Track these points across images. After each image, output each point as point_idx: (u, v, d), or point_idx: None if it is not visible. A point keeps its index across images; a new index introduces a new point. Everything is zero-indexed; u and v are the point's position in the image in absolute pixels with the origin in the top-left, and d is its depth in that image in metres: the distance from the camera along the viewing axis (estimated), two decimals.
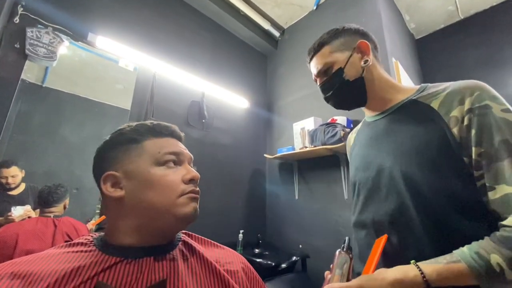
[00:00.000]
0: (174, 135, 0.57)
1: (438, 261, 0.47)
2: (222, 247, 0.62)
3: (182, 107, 1.85)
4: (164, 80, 1.76)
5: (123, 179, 0.48)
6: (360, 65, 0.68)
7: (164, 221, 0.48)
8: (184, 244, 0.55)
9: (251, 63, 2.56)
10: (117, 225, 0.48)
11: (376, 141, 0.69)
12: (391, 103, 0.69)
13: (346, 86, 0.68)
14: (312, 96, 2.13)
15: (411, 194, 0.56)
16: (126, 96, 1.60)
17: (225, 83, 2.16)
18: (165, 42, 1.84)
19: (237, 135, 2.21)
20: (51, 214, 1.25)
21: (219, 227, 1.88)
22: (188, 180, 0.51)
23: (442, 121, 0.55)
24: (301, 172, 2.05)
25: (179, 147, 0.55)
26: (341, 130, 1.61)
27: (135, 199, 0.47)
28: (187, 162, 0.55)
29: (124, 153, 0.50)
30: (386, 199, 0.61)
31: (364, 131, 0.78)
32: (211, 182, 1.91)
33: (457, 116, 0.54)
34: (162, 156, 0.50)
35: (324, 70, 0.71)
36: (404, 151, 0.59)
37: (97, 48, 1.48)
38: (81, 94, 1.46)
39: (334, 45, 0.70)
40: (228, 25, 2.33)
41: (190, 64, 1.95)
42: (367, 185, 0.67)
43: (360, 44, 0.69)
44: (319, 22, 2.24)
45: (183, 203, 0.49)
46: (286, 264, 1.55)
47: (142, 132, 0.52)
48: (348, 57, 0.68)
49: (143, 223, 0.47)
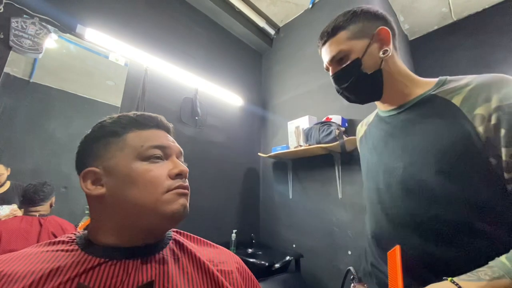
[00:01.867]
0: (161, 126, 0.53)
1: (480, 277, 0.41)
2: (216, 246, 0.59)
3: (174, 103, 1.81)
4: (156, 75, 1.72)
5: (103, 176, 0.45)
6: (379, 55, 0.61)
7: (150, 220, 0.44)
8: (175, 243, 0.52)
9: (245, 61, 2.53)
10: (100, 224, 0.45)
11: (391, 139, 0.64)
12: (408, 97, 0.63)
13: (363, 79, 0.62)
14: (307, 94, 2.11)
15: (427, 196, 0.53)
16: (117, 92, 1.55)
17: (219, 80, 2.12)
18: (158, 36, 1.80)
19: (231, 133, 2.18)
20: (37, 213, 1.19)
21: (212, 227, 1.84)
22: (175, 174, 0.47)
23: (465, 119, 0.51)
24: (295, 171, 2.04)
25: (166, 140, 0.51)
26: (336, 129, 1.59)
27: (116, 197, 0.44)
28: (175, 156, 0.51)
29: (105, 147, 0.46)
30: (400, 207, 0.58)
31: (379, 126, 0.72)
32: (203, 180, 1.87)
33: (483, 114, 0.49)
34: (145, 150, 0.46)
35: (338, 58, 0.64)
36: (422, 151, 0.55)
37: (86, 40, 1.43)
38: (70, 89, 1.40)
39: (351, 31, 0.62)
40: (223, 22, 2.30)
41: (184, 60, 1.91)
42: (384, 184, 0.63)
43: (380, 31, 0.62)
44: (314, 21, 2.23)
45: (170, 199, 0.45)
46: (279, 264, 1.53)
47: (124, 124, 0.48)
48: (366, 46, 0.61)
49: (126, 222, 0.44)
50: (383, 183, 0.63)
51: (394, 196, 0.60)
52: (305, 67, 2.19)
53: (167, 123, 0.55)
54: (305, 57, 2.22)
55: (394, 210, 0.59)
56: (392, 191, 0.60)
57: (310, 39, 2.22)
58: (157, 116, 0.53)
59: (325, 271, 1.67)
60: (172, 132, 0.56)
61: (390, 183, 0.61)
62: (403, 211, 0.57)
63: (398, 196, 0.59)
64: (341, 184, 1.71)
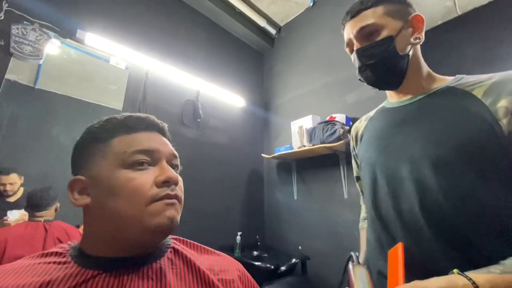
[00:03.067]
0: (151, 127, 0.48)
1: (490, 270, 0.39)
2: (217, 254, 0.57)
3: (176, 106, 1.80)
4: (157, 78, 1.71)
5: (89, 185, 0.42)
6: (410, 41, 0.59)
7: (135, 233, 0.40)
8: (173, 251, 0.50)
9: (247, 61, 2.52)
10: (90, 234, 0.43)
11: (401, 127, 0.60)
12: (424, 89, 0.61)
13: (393, 58, 0.58)
14: (310, 93, 2.09)
15: (443, 189, 0.49)
16: (118, 96, 1.55)
17: (220, 82, 2.11)
18: (158, 39, 1.79)
19: (233, 135, 2.16)
20: (42, 219, 1.19)
21: (216, 230, 1.82)
22: (162, 182, 0.43)
23: (487, 111, 0.48)
24: (299, 171, 2.01)
25: (155, 143, 0.46)
26: (340, 128, 1.56)
27: (100, 208, 0.41)
28: (166, 160, 0.47)
29: (90, 154, 0.44)
30: (409, 198, 0.54)
31: (384, 116, 0.69)
32: (206, 183, 1.85)
33: (507, 107, 0.46)
34: (129, 156, 0.42)
35: (368, 32, 0.60)
36: (437, 140, 0.52)
37: (87, 45, 1.43)
38: (72, 94, 1.41)
39: (389, 8, 0.59)
40: (224, 23, 2.29)
41: (184, 62, 1.90)
42: (388, 177, 0.59)
43: (415, 17, 0.60)
44: (315, 19, 2.20)
45: (155, 211, 0.41)
46: (285, 266, 1.50)
47: (109, 129, 0.45)
48: (401, 26, 0.58)
49: (113, 234, 0.41)
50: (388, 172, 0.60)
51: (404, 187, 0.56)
52: (308, 66, 2.16)
53: (160, 122, 0.51)
54: (307, 56, 2.19)
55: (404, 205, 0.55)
56: (401, 180, 0.56)
57: (312, 37, 2.19)
58: (147, 117, 0.49)
59: (332, 274, 1.63)
60: (166, 132, 0.52)
61: (398, 171, 0.57)
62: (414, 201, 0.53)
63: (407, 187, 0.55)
64: (347, 184, 1.67)
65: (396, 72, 0.61)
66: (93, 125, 0.48)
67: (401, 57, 0.59)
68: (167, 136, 0.52)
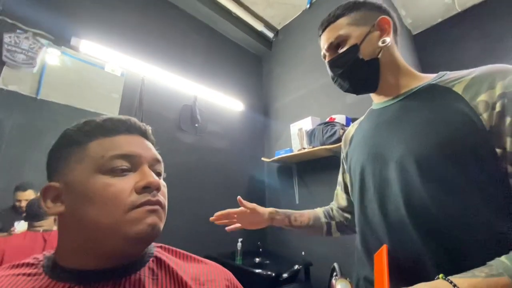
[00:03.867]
0: (133, 130, 0.45)
1: (474, 274, 0.38)
2: (204, 262, 0.53)
3: (173, 111, 1.78)
4: (153, 84, 1.70)
5: (63, 192, 0.39)
6: (378, 44, 0.60)
7: (112, 244, 0.38)
8: (156, 261, 0.46)
9: (245, 65, 2.50)
10: (64, 244, 0.40)
11: (386, 128, 0.60)
12: (405, 88, 0.61)
13: (359, 65, 0.60)
14: (309, 95, 2.06)
15: (427, 188, 0.48)
16: (114, 103, 1.54)
17: (218, 86, 2.09)
18: (154, 45, 1.78)
19: (232, 139, 2.13)
20: (41, 228, 1.17)
21: (216, 236, 1.78)
22: (142, 188, 0.40)
23: (467, 106, 0.47)
24: (300, 175, 1.97)
25: (136, 147, 0.43)
26: (340, 129, 1.53)
27: (75, 216, 0.38)
28: (148, 165, 0.44)
29: (65, 159, 0.41)
30: (394, 197, 0.53)
31: (370, 118, 0.69)
32: (205, 189, 1.82)
33: (486, 101, 0.46)
34: (107, 160, 0.39)
35: (336, 44, 0.63)
36: (420, 139, 0.51)
37: (81, 52, 1.42)
38: (73, 104, 1.40)
39: (352, 17, 0.62)
40: (220, 27, 2.28)
41: (181, 68, 1.88)
42: (375, 178, 0.58)
43: (381, 20, 0.61)
44: (313, 20, 2.19)
45: (135, 218, 0.38)
46: (287, 273, 1.45)
47: (87, 131, 0.42)
48: (366, 33, 0.60)
49: (88, 245, 0.38)
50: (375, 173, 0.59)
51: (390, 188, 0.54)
52: (306, 68, 2.14)
53: (142, 125, 0.48)
54: (305, 58, 2.17)
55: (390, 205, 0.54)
56: (387, 180, 0.55)
57: (310, 39, 2.17)
58: (128, 119, 0.46)
59: None
60: (149, 136, 0.49)
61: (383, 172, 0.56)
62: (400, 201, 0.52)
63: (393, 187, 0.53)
64: None
65: (366, 77, 0.62)
66: (69, 128, 0.45)
67: (368, 62, 0.60)
68: (151, 140, 0.49)
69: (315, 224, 0.85)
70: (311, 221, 0.86)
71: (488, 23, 2.16)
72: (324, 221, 0.86)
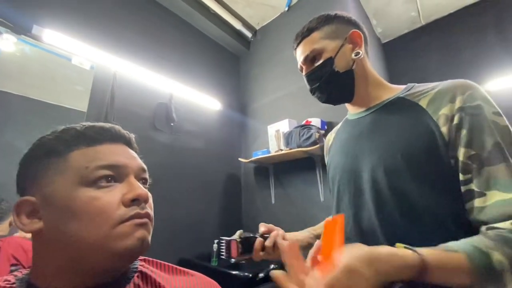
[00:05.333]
0: (117, 138, 0.43)
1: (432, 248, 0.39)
2: (191, 274, 0.52)
3: (148, 109, 1.71)
4: (126, 80, 1.61)
5: (40, 207, 0.36)
6: (351, 57, 0.63)
7: (98, 261, 0.35)
8: (141, 276, 0.45)
9: (223, 64, 2.47)
10: (42, 264, 0.37)
11: (359, 139, 0.64)
12: (377, 100, 0.64)
13: (335, 77, 0.63)
14: (287, 97, 2.09)
15: (396, 199, 0.51)
16: (82, 97, 1.43)
17: (195, 84, 2.04)
18: (128, 38, 1.69)
19: (209, 139, 2.10)
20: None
21: (192, 239, 1.75)
22: (130, 200, 0.38)
23: (431, 120, 0.51)
24: (277, 175, 2.00)
25: (121, 156, 0.41)
26: (316, 132, 1.58)
27: (56, 233, 0.35)
28: (134, 175, 0.42)
29: (43, 170, 0.37)
30: (368, 205, 0.56)
31: (346, 128, 0.73)
32: (181, 190, 1.77)
33: (447, 114, 0.49)
34: (91, 171, 0.37)
35: (311, 57, 0.65)
36: (388, 152, 0.55)
37: (44, 43, 1.30)
38: (30, 95, 1.27)
39: (325, 32, 0.64)
40: (198, 24, 2.22)
41: (157, 63, 1.81)
42: (350, 187, 0.61)
43: (352, 34, 0.64)
44: (290, 23, 2.23)
45: (123, 233, 0.36)
46: (264, 273, 1.47)
47: (67, 140, 0.39)
48: (339, 46, 0.62)
49: (70, 264, 0.36)
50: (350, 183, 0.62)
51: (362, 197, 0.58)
52: (284, 70, 2.17)
53: (126, 133, 0.45)
54: (283, 60, 2.20)
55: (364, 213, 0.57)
56: (361, 190, 0.59)
57: (287, 41, 2.20)
58: (112, 127, 0.44)
59: None
60: (133, 144, 0.47)
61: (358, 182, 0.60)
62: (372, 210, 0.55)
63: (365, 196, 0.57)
64: (323, 187, 1.69)
65: (342, 88, 0.65)
66: (45, 136, 0.41)
67: (343, 74, 0.63)
68: (134, 148, 0.47)
69: None
70: None
71: (447, 36, 2.37)
72: None
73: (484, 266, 0.36)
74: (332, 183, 0.70)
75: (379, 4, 2.29)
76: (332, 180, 0.69)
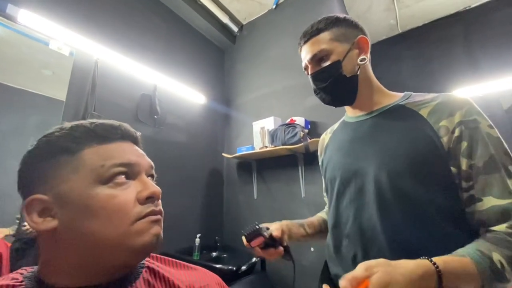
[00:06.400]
0: (126, 137, 0.44)
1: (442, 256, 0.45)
2: (193, 268, 0.54)
3: (130, 100, 1.65)
4: (109, 68, 1.54)
5: (54, 205, 0.36)
6: (357, 62, 0.65)
7: (115, 257, 0.37)
8: (149, 271, 0.46)
9: (207, 57, 2.44)
10: (54, 263, 0.37)
11: (361, 142, 0.66)
12: (377, 105, 0.68)
13: (342, 80, 0.64)
14: (272, 95, 2.13)
15: (398, 200, 0.55)
16: (60, 85, 1.35)
17: (179, 76, 2.00)
18: (111, 25, 1.60)
19: (193, 133, 2.08)
20: None
21: (174, 233, 1.74)
22: (145, 198, 0.40)
23: (431, 129, 0.55)
24: (260, 171, 2.04)
25: (133, 155, 0.42)
26: (301, 131, 1.64)
27: (72, 231, 0.36)
28: (145, 173, 0.44)
29: (54, 169, 0.37)
30: (369, 205, 0.59)
31: (345, 130, 0.75)
32: (163, 184, 1.72)
33: (447, 126, 0.54)
34: (107, 170, 0.38)
35: (319, 57, 0.66)
36: (391, 155, 0.58)
37: (19, 24, 1.20)
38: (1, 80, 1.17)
39: (334, 33, 0.65)
40: (184, 14, 2.16)
41: (140, 53, 1.74)
42: (350, 187, 0.64)
43: (361, 39, 0.66)
44: (277, 21, 2.25)
45: (141, 230, 0.38)
46: (246, 266, 1.52)
47: (78, 138, 0.39)
48: (347, 50, 0.64)
49: (86, 261, 0.36)
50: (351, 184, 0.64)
51: (363, 198, 0.61)
52: (269, 68, 2.20)
53: (134, 131, 0.47)
54: (269, 58, 2.22)
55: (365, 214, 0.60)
56: (362, 191, 0.62)
57: (274, 40, 2.23)
58: (121, 125, 0.45)
59: (290, 269, 1.71)
60: (139, 142, 0.48)
61: (360, 184, 0.62)
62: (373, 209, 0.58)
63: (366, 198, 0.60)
64: (304, 183, 1.77)
65: (347, 92, 0.67)
66: (53, 133, 0.40)
67: (349, 79, 0.65)
68: (141, 147, 0.48)
69: (326, 227, 0.82)
70: (322, 225, 0.83)
71: (420, 46, 2.55)
72: None
73: (489, 266, 0.43)
74: (330, 183, 0.72)
75: (361, 9, 2.39)
76: (331, 180, 0.71)
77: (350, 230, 0.63)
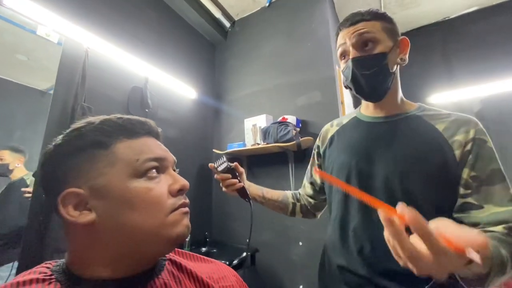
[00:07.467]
0: (152, 133, 0.46)
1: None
2: (210, 261, 0.57)
3: (121, 93, 1.60)
4: (99, 58, 1.48)
5: (90, 198, 0.37)
6: (397, 60, 0.66)
7: (153, 247, 0.39)
8: (171, 263, 0.48)
9: (198, 51, 2.40)
10: (89, 256, 0.38)
11: (375, 143, 0.69)
12: (397, 110, 0.70)
13: (384, 73, 0.64)
14: (263, 93, 2.15)
15: (406, 199, 0.58)
16: (47, 75, 1.28)
17: (170, 69, 1.96)
18: (102, 14, 1.54)
19: (183, 128, 2.05)
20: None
21: None
22: (177, 191, 0.43)
23: (446, 142, 0.61)
24: (250, 167, 2.07)
25: (161, 150, 0.45)
26: (293, 129, 1.68)
27: (112, 223, 0.37)
28: (171, 167, 0.47)
29: (89, 162, 0.38)
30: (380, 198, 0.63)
31: (357, 128, 0.76)
32: None
33: (460, 141, 0.60)
34: (141, 164, 0.40)
35: (365, 41, 0.64)
36: (406, 161, 0.62)
37: (5, 6, 1.12)
38: None
39: (386, 26, 0.65)
40: (177, 6, 2.11)
41: (132, 44, 1.69)
42: (360, 184, 0.67)
43: (404, 40, 0.67)
44: (271, 20, 2.27)
45: (175, 221, 0.40)
46: (237, 260, 1.55)
47: (110, 132, 0.41)
48: (392, 45, 0.65)
49: (126, 251, 0.38)
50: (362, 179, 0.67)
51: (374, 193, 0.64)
52: (261, 66, 2.22)
53: (157, 128, 0.49)
54: (261, 56, 2.24)
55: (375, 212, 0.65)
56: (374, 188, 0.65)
57: (266, 37, 2.25)
58: (147, 121, 0.47)
59: (279, 263, 1.77)
60: (161, 139, 0.50)
61: (370, 181, 0.66)
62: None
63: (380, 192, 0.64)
64: (294, 180, 1.82)
65: (383, 86, 0.66)
66: (82, 127, 0.41)
67: (390, 74, 0.65)
68: (162, 142, 0.50)
69: (283, 201, 0.93)
70: (280, 197, 0.93)
71: None
72: (291, 201, 0.95)
73: (499, 256, 0.44)
74: (336, 175, 0.74)
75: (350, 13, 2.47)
76: (338, 174, 0.73)
77: (358, 223, 0.67)
